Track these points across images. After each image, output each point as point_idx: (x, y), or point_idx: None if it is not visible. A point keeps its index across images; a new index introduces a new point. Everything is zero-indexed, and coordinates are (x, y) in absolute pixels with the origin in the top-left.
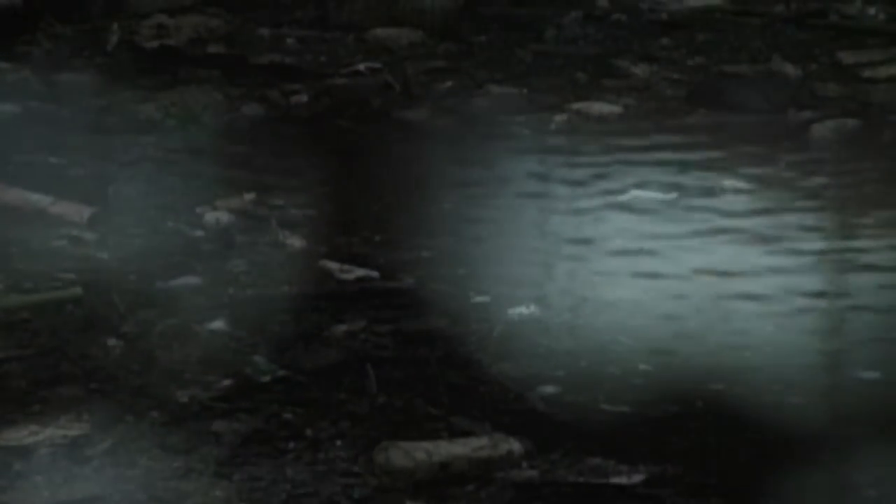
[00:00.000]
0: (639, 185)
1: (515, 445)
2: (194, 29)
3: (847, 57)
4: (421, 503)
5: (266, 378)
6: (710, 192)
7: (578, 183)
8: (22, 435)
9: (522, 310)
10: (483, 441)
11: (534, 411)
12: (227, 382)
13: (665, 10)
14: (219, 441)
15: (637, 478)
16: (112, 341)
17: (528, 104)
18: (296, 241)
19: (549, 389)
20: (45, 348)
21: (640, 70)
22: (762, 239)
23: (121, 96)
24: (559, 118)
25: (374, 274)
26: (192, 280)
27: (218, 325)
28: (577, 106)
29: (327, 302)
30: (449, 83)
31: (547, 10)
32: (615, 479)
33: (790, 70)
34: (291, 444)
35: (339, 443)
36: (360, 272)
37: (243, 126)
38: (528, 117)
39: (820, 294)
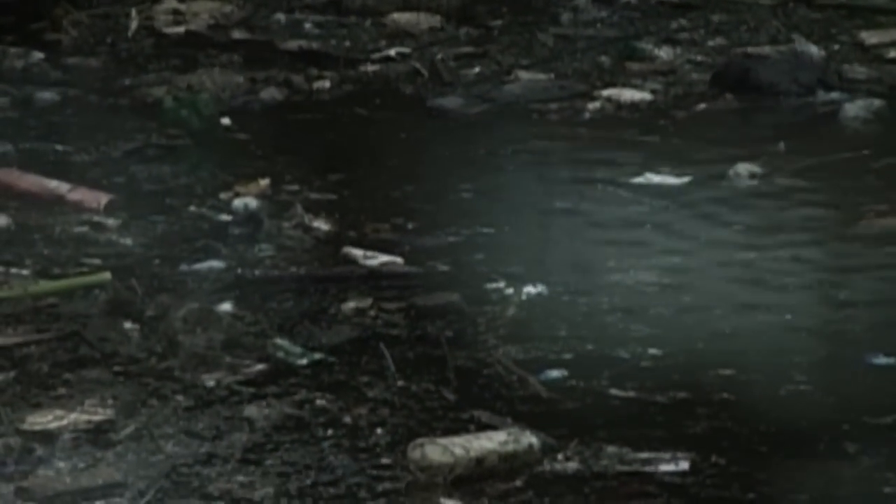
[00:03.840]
0: (655, 170)
1: (533, 439)
2: (210, 14)
3: (869, 37)
4: (457, 500)
5: (303, 361)
6: (725, 177)
7: (605, 168)
8: (46, 420)
9: (530, 289)
10: (504, 435)
11: (539, 398)
12: (255, 366)
13: None
14: (251, 427)
15: (683, 465)
16: (130, 325)
17: (560, 90)
18: (322, 226)
19: (555, 374)
20: (65, 332)
21: (664, 53)
22: (776, 224)
23: (141, 80)
24: (592, 106)
25: (398, 260)
26: (216, 264)
27: (233, 306)
28: (607, 93)
29: (348, 282)
30: (477, 69)
31: None
32: (663, 467)
33: (814, 51)
34: (330, 431)
35: (379, 431)
36: (384, 258)
37: (257, 110)
38: (560, 105)
39: (833, 279)
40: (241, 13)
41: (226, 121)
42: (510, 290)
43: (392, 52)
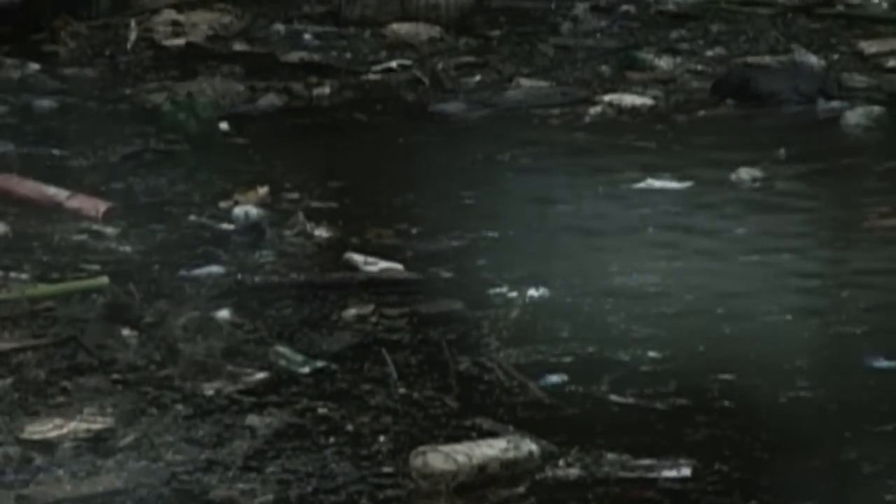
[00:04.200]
0: (657, 175)
1: (533, 446)
2: (209, 25)
3: (869, 47)
4: None
5: (304, 370)
6: (727, 182)
7: (608, 173)
8: (46, 428)
9: (532, 292)
10: (504, 442)
11: (540, 404)
12: (256, 374)
13: (672, 1)
14: (253, 434)
15: (685, 471)
16: (128, 331)
17: (561, 96)
18: (323, 233)
19: (555, 379)
20: (62, 337)
21: (664, 62)
22: (778, 227)
23: (140, 88)
24: (593, 110)
25: (398, 266)
26: (215, 269)
27: (231, 313)
28: (608, 98)
29: (348, 289)
30: (478, 77)
31: (552, 3)
32: (665, 473)
33: (814, 60)
34: (332, 439)
35: (382, 438)
36: (384, 264)
37: (256, 116)
38: (561, 110)
39: (835, 281)
40: (239, 24)
41: (224, 126)
42: (513, 294)
43: (393, 63)
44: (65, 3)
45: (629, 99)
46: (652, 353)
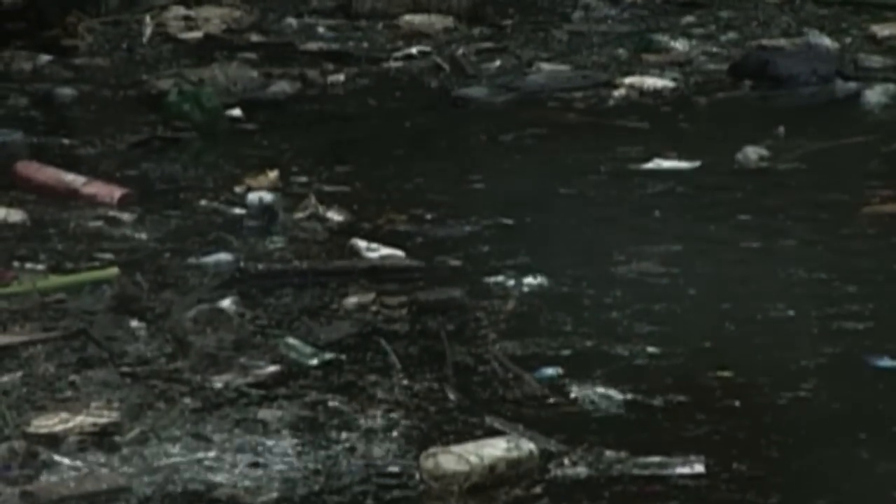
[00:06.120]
0: (666, 155)
1: (532, 445)
2: (221, 19)
3: (881, 30)
4: None
5: (313, 362)
6: (734, 161)
7: (624, 154)
8: (52, 423)
9: (531, 280)
10: (505, 441)
11: (541, 399)
12: (266, 367)
13: None
14: (265, 429)
15: (698, 468)
16: (136, 323)
17: (583, 80)
18: (335, 216)
19: (550, 371)
20: (71, 330)
21: (679, 45)
22: (782, 210)
23: (153, 76)
24: (617, 93)
25: (399, 253)
26: (224, 257)
27: (235, 302)
28: (630, 81)
29: (350, 276)
30: (497, 62)
31: None
32: (679, 470)
33: (828, 43)
34: (344, 434)
35: (394, 433)
36: (386, 251)
37: (268, 103)
38: (584, 93)
39: (837, 271)
40: (250, 18)
41: (236, 112)
42: (511, 283)
43: (413, 49)
44: (73, 1)
45: (650, 81)
46: (651, 349)
